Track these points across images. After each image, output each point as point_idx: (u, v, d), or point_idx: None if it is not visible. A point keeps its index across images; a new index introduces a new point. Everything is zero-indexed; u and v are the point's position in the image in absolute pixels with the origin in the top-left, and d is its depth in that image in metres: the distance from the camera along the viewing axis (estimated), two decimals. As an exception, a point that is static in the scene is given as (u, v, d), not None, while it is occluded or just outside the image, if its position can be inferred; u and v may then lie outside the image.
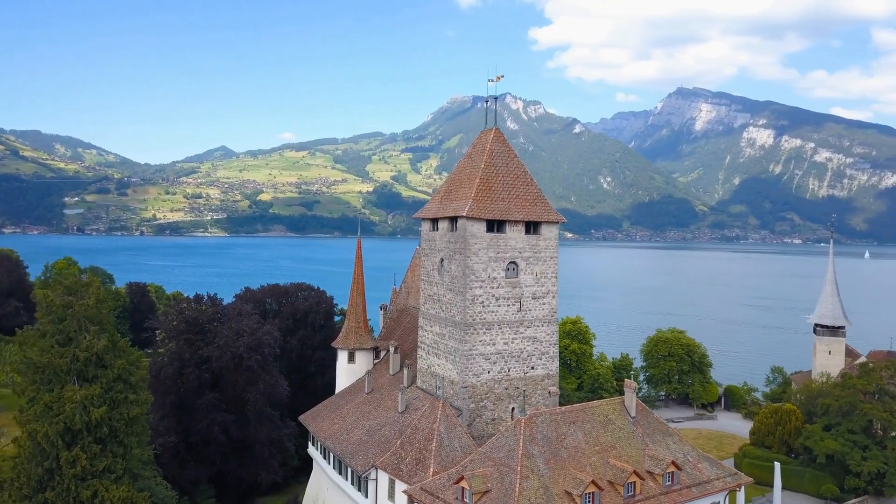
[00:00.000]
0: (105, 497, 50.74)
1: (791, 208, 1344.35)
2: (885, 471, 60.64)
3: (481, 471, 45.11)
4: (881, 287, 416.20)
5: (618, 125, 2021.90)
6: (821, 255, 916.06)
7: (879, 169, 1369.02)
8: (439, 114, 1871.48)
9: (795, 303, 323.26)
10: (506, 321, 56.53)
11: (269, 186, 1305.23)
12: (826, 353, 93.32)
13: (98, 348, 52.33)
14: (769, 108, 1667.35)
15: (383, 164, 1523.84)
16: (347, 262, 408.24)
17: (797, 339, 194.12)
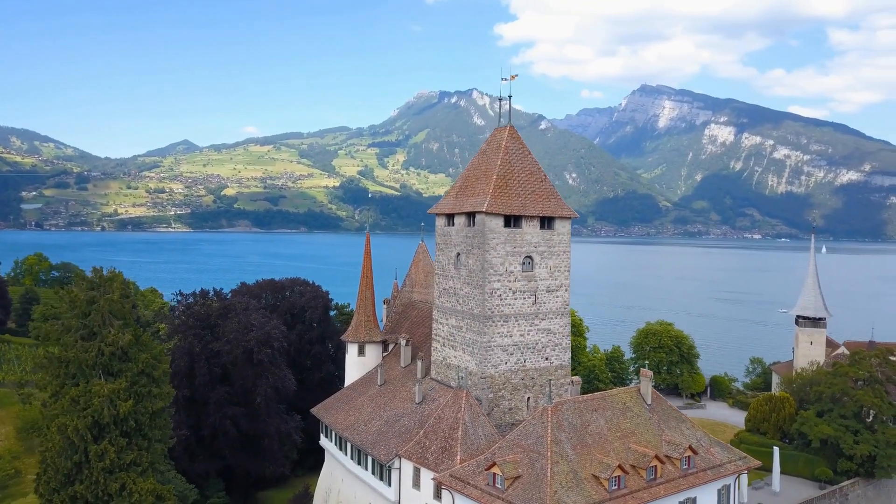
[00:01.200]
0: (133, 490, 51.27)
1: (751, 204, 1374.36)
2: (876, 454, 64.06)
3: (511, 457, 46.84)
4: (842, 281, 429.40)
5: (583, 121, 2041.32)
6: (781, 249, 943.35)
7: (835, 166, 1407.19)
8: (406, 108, 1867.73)
9: (764, 296, 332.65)
10: (522, 314, 58.30)
11: (234, 181, 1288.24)
12: (808, 344, 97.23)
13: (124, 342, 52.72)
14: (730, 105, 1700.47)
15: (350, 158, 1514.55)
16: (317, 258, 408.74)
17: (772, 332, 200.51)
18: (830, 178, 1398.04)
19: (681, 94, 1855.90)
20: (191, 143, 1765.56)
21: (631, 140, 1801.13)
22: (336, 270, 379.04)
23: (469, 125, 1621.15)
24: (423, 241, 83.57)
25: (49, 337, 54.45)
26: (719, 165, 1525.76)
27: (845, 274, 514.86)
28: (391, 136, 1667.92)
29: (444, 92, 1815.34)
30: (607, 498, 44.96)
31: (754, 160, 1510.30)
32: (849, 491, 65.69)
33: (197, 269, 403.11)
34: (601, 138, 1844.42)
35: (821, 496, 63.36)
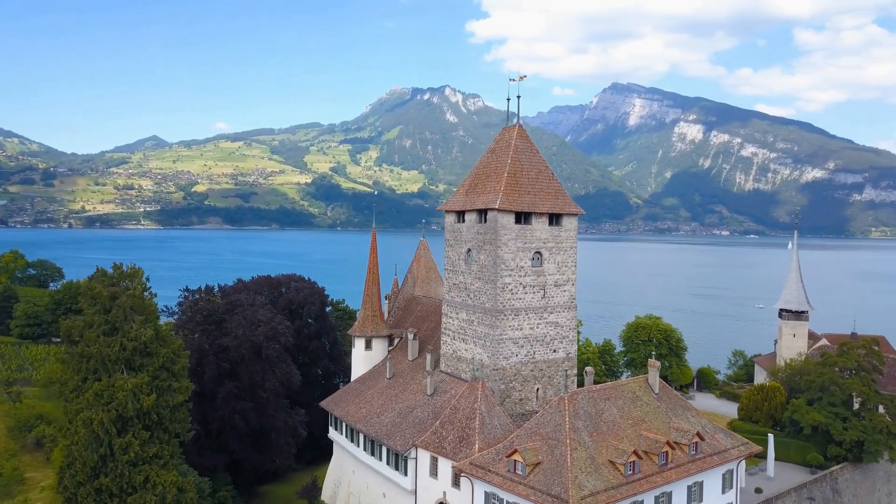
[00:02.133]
0: (157, 482, 52.34)
1: (719, 201, 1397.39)
2: (864, 439, 67.28)
3: (531, 444, 48.74)
4: (810, 277, 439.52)
5: (554, 119, 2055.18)
6: (749, 245, 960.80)
7: (801, 164, 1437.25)
8: (378, 105, 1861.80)
9: (738, 292, 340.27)
10: (531, 307, 60.25)
11: (205, 177, 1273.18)
12: (791, 336, 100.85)
13: (146, 337, 53.61)
14: (699, 104, 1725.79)
15: (322, 155, 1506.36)
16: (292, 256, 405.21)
17: (751, 326, 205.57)
18: (796, 175, 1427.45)
19: (651, 92, 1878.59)
20: (160, 139, 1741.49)
21: (602, 138, 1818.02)
22: (314, 267, 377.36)
23: (442, 122, 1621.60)
24: (425, 238, 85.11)
25: (71, 333, 54.98)
26: (688, 163, 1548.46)
27: (813, 270, 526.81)
28: (364, 132, 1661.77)
29: (417, 89, 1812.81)
30: (624, 482, 47.09)
31: (722, 158, 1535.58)
32: (838, 475, 68.91)
33: (174, 268, 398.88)
34: (573, 136, 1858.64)
35: (812, 480, 66.35)
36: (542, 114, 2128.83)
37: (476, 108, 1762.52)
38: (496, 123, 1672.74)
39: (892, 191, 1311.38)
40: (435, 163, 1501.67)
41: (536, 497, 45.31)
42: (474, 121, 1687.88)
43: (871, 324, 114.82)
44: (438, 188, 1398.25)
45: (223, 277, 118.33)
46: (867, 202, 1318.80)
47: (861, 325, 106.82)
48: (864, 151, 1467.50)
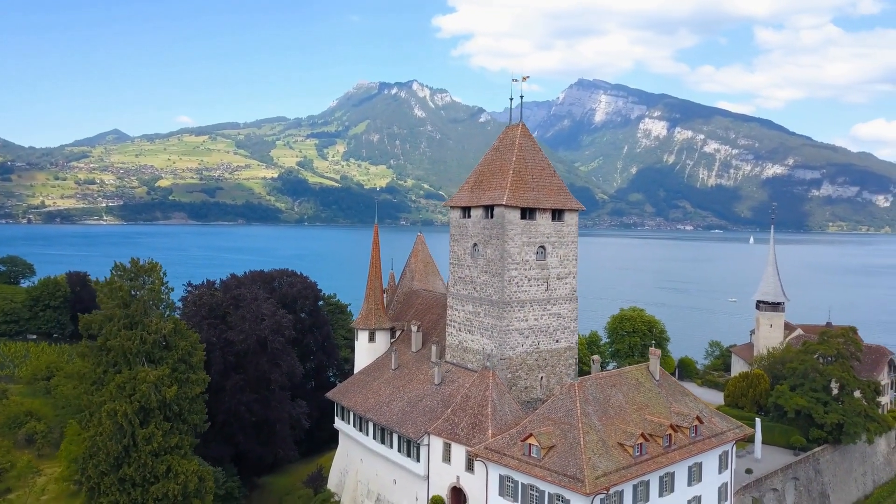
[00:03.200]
0: (179, 471, 53.97)
1: (683, 196, 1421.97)
2: (844, 422, 71.33)
3: (545, 429, 51.28)
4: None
5: (522, 114, 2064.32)
6: (713, 240, 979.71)
7: (761, 160, 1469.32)
8: (345, 99, 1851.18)
9: (707, 284, 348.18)
10: (536, 299, 62.79)
11: (168, 172, 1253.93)
12: (768, 327, 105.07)
13: (166, 331, 54.94)
14: (663, 101, 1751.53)
15: (288, 149, 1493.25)
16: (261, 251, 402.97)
17: (724, 318, 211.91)
18: (757, 171, 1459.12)
19: (616, 88, 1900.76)
20: (121, 133, 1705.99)
21: (569, 133, 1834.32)
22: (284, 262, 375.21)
23: (410, 117, 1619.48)
24: (422, 234, 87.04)
25: (90, 326, 55.95)
26: (653, 159, 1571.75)
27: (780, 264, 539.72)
28: (330, 126, 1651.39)
29: (385, 83, 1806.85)
30: (632, 463, 49.92)
31: (686, 154, 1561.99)
32: (820, 456, 72.89)
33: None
34: (540, 131, 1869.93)
35: (797, 461, 70.17)
36: (509, 109, 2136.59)
37: (444, 104, 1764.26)
38: (463, 119, 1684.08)
39: (848, 187, 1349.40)
40: (403, 158, 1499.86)
41: (553, 478, 47.87)
42: (442, 116, 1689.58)
43: (839, 315, 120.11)
44: (407, 183, 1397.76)
45: (197, 274, 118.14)
46: (825, 198, 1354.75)
47: (813, 316, 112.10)
48: (822, 148, 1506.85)
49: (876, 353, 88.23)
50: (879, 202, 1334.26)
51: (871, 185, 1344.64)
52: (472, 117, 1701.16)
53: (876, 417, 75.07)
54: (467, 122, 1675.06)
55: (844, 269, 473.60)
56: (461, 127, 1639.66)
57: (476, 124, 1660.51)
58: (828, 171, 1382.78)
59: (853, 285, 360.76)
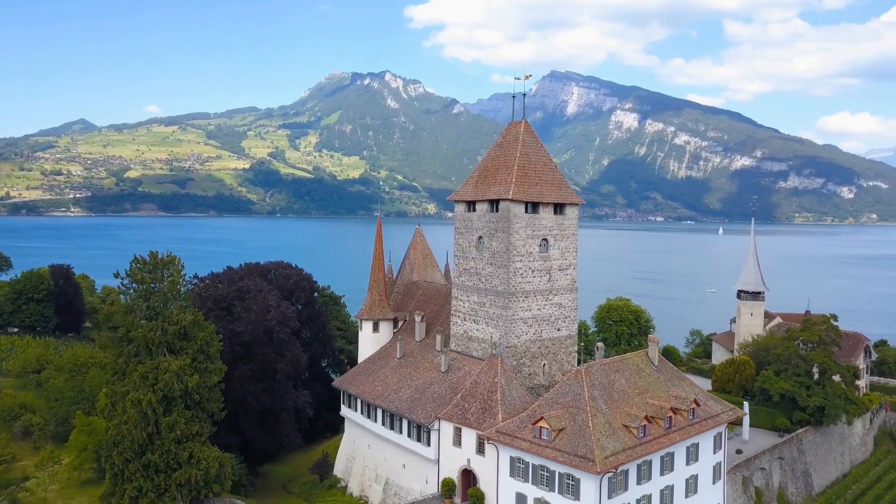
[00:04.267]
0: (200, 457, 55.79)
1: (654, 188, 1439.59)
2: (825, 405, 75.35)
3: (554, 412, 54.03)
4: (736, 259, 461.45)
5: (495, 106, 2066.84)
6: (684, 231, 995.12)
7: (730, 152, 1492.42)
8: (317, 90, 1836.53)
9: (681, 275, 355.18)
10: (539, 290, 65.50)
11: (137, 163, 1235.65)
12: (749, 315, 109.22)
13: (187, 322, 56.56)
14: (634, 93, 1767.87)
15: (260, 140, 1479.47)
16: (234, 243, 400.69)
17: (703, 307, 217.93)
18: (726, 163, 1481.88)
19: (588, 80, 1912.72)
20: (88, 123, 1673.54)
21: (541, 125, 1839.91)
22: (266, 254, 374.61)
23: (383, 107, 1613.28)
24: (420, 226, 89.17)
25: (111, 318, 57.32)
26: (625, 151, 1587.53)
27: (743, 252, 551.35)
28: (302, 117, 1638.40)
29: (357, 73, 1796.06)
30: (637, 444, 52.91)
31: (657, 146, 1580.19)
32: (803, 437, 76.85)
33: (122, 256, 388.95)
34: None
35: (782, 442, 74.01)
36: (482, 101, 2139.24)
37: (417, 94, 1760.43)
38: (437, 110, 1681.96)
39: (813, 178, 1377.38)
40: (376, 149, 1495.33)
41: (564, 458, 50.64)
42: (415, 107, 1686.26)
43: (814, 304, 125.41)
44: (380, 174, 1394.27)
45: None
46: (791, 189, 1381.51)
47: (802, 306, 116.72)
48: (789, 140, 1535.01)
49: (853, 340, 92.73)
50: (844, 194, 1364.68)
51: (836, 177, 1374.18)
52: (446, 108, 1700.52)
53: (855, 400, 79.38)
54: (440, 113, 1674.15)
55: (816, 260, 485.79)
56: (434, 118, 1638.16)
57: (449, 115, 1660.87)
58: (794, 163, 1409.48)
59: (826, 275, 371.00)
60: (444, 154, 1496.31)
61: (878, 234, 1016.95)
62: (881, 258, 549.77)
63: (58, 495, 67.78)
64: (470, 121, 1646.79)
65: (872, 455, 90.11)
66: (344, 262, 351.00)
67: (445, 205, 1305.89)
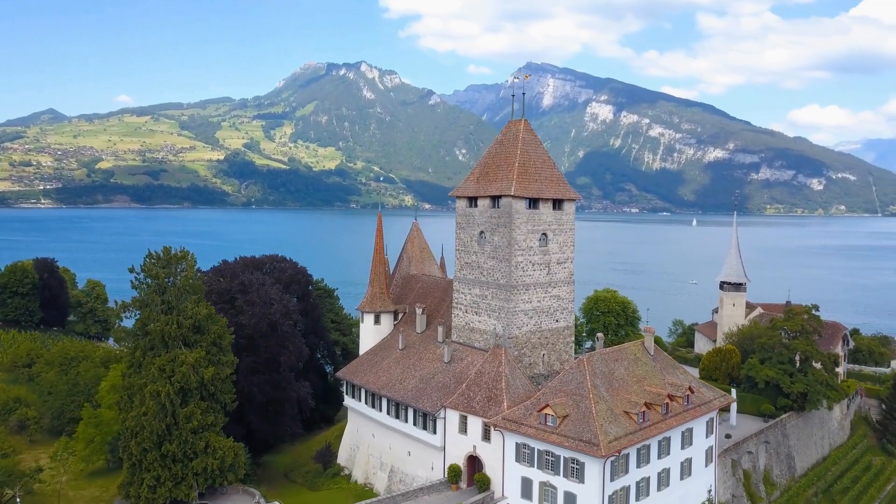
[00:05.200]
0: (216, 447, 57.50)
1: (629, 179, 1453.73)
2: (807, 391, 78.90)
3: (558, 400, 56.57)
4: (716, 251, 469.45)
5: (471, 97, 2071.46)
6: (659, 222, 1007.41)
7: (704, 144, 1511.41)
8: (292, 80, 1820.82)
9: (660, 266, 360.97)
10: (539, 283, 67.95)
11: (109, 154, 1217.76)
12: (731, 306, 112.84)
13: (201, 316, 58.15)
14: (609, 85, 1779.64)
15: (234, 130, 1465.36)
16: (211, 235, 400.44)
17: (684, 298, 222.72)
18: (699, 155, 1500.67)
19: (564, 72, 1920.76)
20: (58, 113, 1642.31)
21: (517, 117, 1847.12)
22: (244, 248, 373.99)
23: (359, 98, 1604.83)
24: (417, 221, 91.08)
25: (128, 311, 58.65)
26: (600, 143, 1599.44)
27: (717, 243, 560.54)
28: (277, 107, 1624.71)
29: (332, 64, 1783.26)
30: (637, 429, 55.66)
31: (632, 138, 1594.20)
32: (786, 422, 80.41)
33: (102, 249, 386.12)
34: (489, 115, 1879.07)
35: (767, 427, 77.43)
36: (458, 92, 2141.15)
37: (393, 85, 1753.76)
38: (413, 101, 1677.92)
39: (784, 170, 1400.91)
40: (352, 139, 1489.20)
41: (570, 443, 53.21)
42: (391, 97, 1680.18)
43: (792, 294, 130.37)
44: (357, 165, 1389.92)
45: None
46: (763, 181, 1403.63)
47: (783, 296, 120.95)
48: (761, 133, 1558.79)
49: (832, 329, 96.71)
50: (813, 185, 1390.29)
51: (806, 169, 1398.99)
52: (422, 99, 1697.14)
53: (835, 386, 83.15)
54: (417, 104, 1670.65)
55: (789, 251, 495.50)
56: (411, 109, 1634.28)
57: (426, 106, 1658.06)
58: (766, 155, 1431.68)
59: (800, 266, 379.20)
60: (421, 145, 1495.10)
61: (846, 224, 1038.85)
62: (851, 249, 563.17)
63: (68, 486, 69.01)
64: (446, 112, 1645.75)
65: (850, 439, 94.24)
66: (330, 254, 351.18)
67: (423, 196, 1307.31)
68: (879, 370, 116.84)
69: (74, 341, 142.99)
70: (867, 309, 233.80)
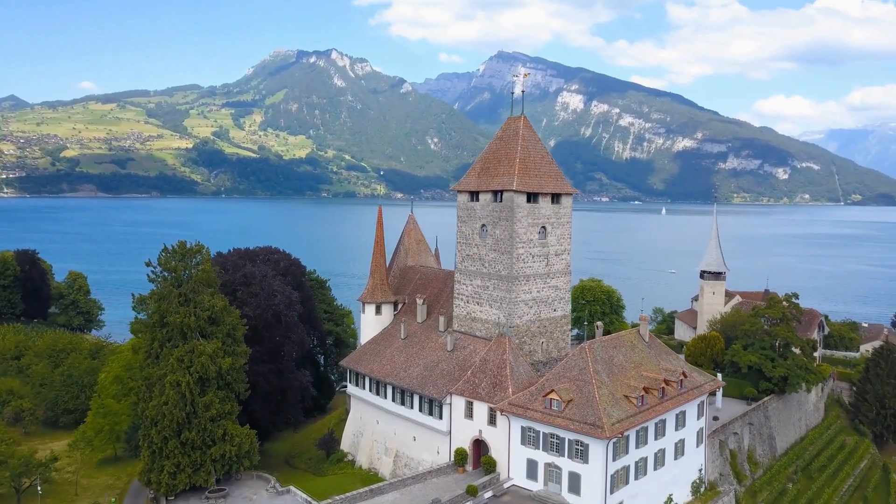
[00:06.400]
0: (234, 434, 59.47)
1: (599, 168, 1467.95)
2: (788, 374, 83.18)
3: (563, 385, 59.56)
4: (686, 240, 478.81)
5: (442, 86, 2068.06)
6: (630, 211, 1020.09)
7: (673, 134, 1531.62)
8: (261, 68, 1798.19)
9: (634, 256, 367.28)
10: (538, 274, 70.83)
11: (74, 142, 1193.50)
12: (711, 294, 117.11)
13: (218, 308, 59.92)
14: (580, 74, 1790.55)
15: (202, 119, 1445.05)
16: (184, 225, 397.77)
17: (663, 286, 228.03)
18: (668, 145, 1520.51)
19: (535, 61, 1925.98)
20: (19, 100, 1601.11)
21: (489, 106, 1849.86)
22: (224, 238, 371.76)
23: (329, 86, 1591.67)
24: (413, 214, 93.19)
25: (146, 303, 60.15)
26: (570, 132, 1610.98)
27: (688, 232, 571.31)
28: (246, 95, 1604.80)
29: (302, 51, 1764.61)
30: (637, 412, 58.92)
31: (602, 127, 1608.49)
32: (768, 405, 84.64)
33: (77, 240, 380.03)
34: (460, 104, 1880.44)
35: (750, 409, 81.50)
36: (429, 80, 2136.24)
37: (364, 73, 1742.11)
38: (384, 89, 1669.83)
39: (751, 160, 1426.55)
40: (323, 128, 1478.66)
41: (575, 426, 56.24)
42: (362, 86, 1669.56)
43: (758, 282, 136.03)
44: (328, 154, 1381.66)
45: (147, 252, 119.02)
46: (730, 170, 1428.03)
47: (760, 284, 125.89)
48: (728, 123, 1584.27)
49: (809, 316, 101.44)
50: (779, 175, 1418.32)
51: (772, 158, 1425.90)
52: (393, 88, 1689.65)
53: (813, 370, 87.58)
54: (388, 92, 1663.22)
55: (760, 239, 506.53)
56: (382, 97, 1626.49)
57: (397, 95, 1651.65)
58: (733, 144, 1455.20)
59: (769, 254, 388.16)
60: (393, 134, 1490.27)
61: (810, 213, 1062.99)
62: (816, 237, 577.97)
63: (80, 475, 70.26)
64: (418, 100, 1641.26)
65: (824, 420, 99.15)
66: (311, 244, 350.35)
67: (395, 185, 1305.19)
68: (849, 355, 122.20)
69: (62, 333, 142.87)
70: (834, 296, 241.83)
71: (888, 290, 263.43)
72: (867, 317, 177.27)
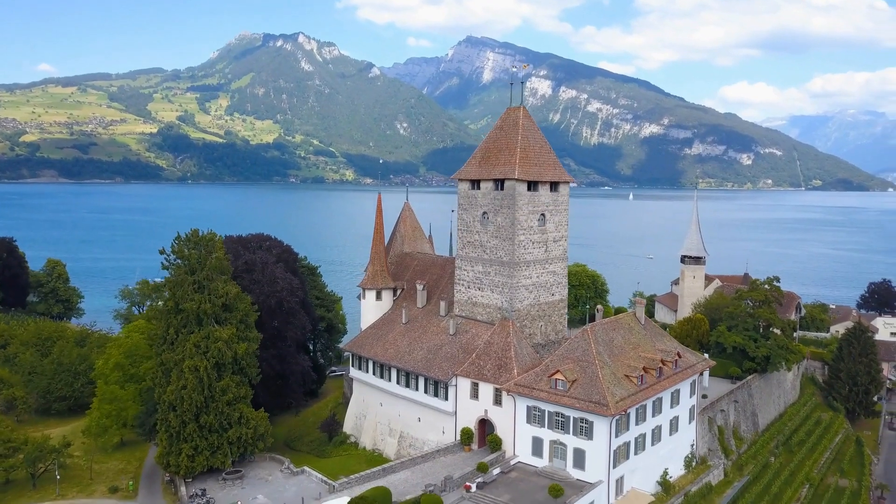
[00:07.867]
0: (249, 418, 61.14)
1: (568, 154, 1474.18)
2: (770, 354, 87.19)
3: (567, 366, 62.23)
4: (653, 225, 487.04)
5: (411, 71, 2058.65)
6: (600, 196, 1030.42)
7: (640, 120, 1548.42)
8: (226, 51, 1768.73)
9: (607, 241, 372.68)
10: (537, 260, 73.30)
11: (34, 126, 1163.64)
12: (692, 278, 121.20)
13: (231, 295, 61.31)
14: (548, 60, 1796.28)
15: (167, 103, 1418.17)
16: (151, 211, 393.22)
17: (641, 271, 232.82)
18: (636, 130, 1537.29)
19: (504, 46, 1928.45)
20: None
21: (458, 91, 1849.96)
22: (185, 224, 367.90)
23: (296, 70, 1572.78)
24: (408, 201, 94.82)
25: (161, 289, 61.16)
26: (539, 118, 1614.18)
27: (654, 219, 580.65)
28: (212, 79, 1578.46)
29: (269, 35, 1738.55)
30: (637, 390, 61.90)
31: (570, 113, 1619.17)
32: (751, 383, 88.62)
33: (47, 227, 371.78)
34: (429, 89, 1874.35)
35: (735, 388, 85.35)
36: (398, 65, 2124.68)
37: (332, 57, 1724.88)
38: (353, 73, 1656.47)
39: (716, 145, 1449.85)
40: (290, 113, 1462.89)
41: (580, 404, 58.99)
42: (330, 70, 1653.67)
43: (733, 265, 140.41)
44: (295, 139, 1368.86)
45: (126, 240, 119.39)
46: (695, 156, 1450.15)
47: (735, 268, 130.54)
48: (694, 109, 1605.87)
49: (788, 298, 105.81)
50: (743, 160, 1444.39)
51: (736, 144, 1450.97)
52: (361, 72, 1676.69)
53: (793, 350, 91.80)
54: (356, 76, 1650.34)
55: (728, 224, 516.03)
56: (350, 82, 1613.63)
57: (366, 79, 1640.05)
58: (698, 130, 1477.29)
59: (739, 239, 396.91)
60: (362, 119, 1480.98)
61: (773, 198, 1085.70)
62: (779, 221, 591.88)
63: (89, 460, 71.08)
64: (387, 85, 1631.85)
65: (800, 397, 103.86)
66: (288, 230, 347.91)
67: (364, 171, 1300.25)
68: (821, 335, 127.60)
69: (47, 322, 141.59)
70: (803, 279, 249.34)
71: (852, 274, 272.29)
72: (835, 299, 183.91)
